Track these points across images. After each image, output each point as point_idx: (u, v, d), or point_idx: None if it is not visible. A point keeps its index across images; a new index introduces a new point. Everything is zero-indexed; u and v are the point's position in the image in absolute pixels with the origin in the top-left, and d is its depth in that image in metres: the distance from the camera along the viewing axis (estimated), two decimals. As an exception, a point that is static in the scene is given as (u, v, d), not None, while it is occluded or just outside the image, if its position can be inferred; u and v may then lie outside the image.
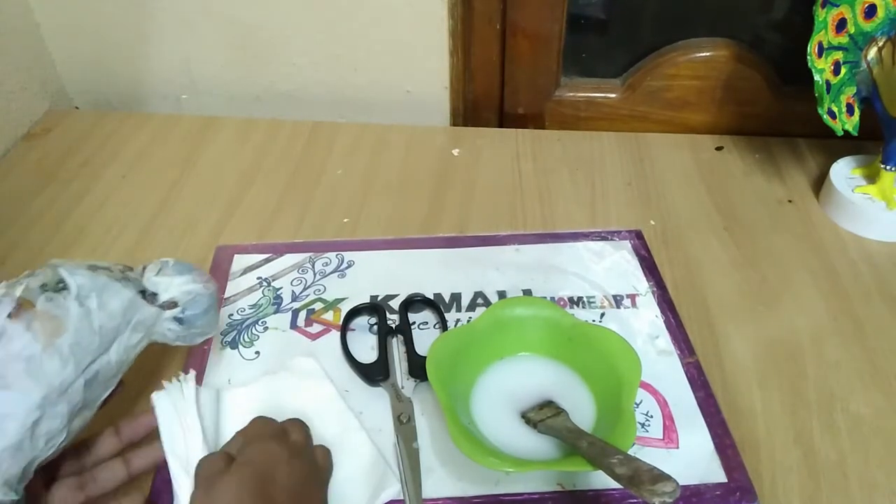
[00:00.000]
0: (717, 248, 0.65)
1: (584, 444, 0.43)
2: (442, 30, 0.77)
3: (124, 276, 0.43)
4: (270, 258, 0.62)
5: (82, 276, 0.40)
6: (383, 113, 0.84)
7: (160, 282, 0.45)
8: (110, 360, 0.40)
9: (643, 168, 0.75)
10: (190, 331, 0.46)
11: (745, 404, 0.51)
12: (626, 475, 0.38)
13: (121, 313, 0.41)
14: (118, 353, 0.41)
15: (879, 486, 0.47)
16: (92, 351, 0.39)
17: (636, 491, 0.37)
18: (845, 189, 0.68)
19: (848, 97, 0.66)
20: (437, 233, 0.66)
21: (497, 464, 0.42)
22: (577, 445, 0.43)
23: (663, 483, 0.37)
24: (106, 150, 0.78)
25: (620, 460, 0.39)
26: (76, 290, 0.40)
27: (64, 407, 0.38)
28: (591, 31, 0.79)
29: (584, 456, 0.42)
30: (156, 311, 0.44)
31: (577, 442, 0.43)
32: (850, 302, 0.60)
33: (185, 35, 0.81)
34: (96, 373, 0.39)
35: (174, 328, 0.45)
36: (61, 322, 0.38)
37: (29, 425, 0.36)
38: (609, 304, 0.57)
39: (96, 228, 0.67)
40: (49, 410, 0.37)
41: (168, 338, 0.45)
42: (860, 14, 0.63)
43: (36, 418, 0.36)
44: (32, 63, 0.82)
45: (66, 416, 0.38)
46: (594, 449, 0.42)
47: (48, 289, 0.39)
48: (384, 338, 0.54)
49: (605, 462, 0.40)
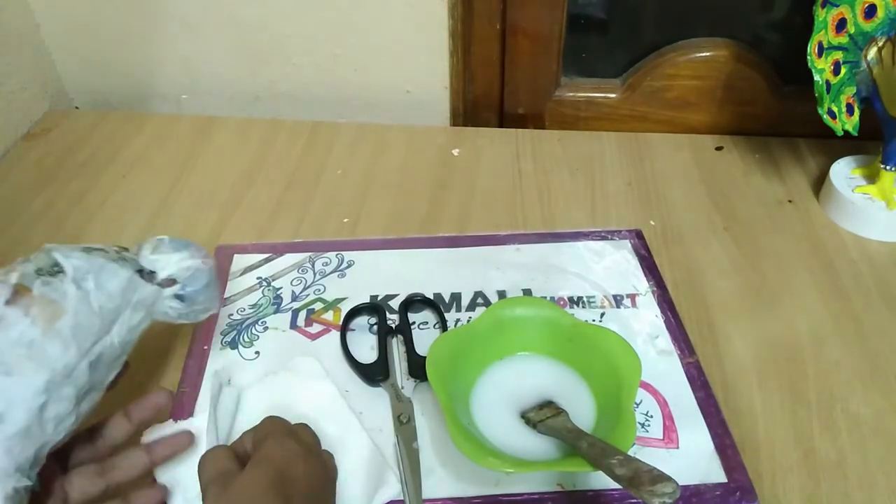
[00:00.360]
0: (717, 248, 0.65)
1: (584, 445, 0.43)
2: (442, 30, 0.77)
3: (120, 257, 0.42)
4: (270, 258, 0.62)
5: (78, 259, 0.40)
6: (383, 113, 0.84)
7: (157, 259, 0.44)
8: (113, 342, 0.40)
9: (643, 168, 0.75)
10: (192, 308, 0.45)
11: (745, 404, 0.51)
12: (626, 476, 0.38)
13: (120, 294, 0.41)
14: (120, 334, 0.41)
15: (879, 486, 0.47)
16: (93, 333, 0.39)
17: (636, 492, 0.37)
18: (845, 189, 0.68)
19: (848, 97, 0.66)
20: (437, 233, 0.66)
21: (497, 464, 0.42)
22: (576, 446, 0.43)
23: (663, 484, 0.37)
24: (106, 150, 0.78)
25: (620, 461, 0.39)
26: (72, 273, 0.39)
27: (70, 390, 0.37)
28: (591, 31, 0.79)
29: (584, 456, 0.42)
30: (155, 289, 0.43)
31: (576, 442, 0.43)
32: (850, 302, 0.60)
33: (185, 35, 0.81)
34: (100, 354, 0.39)
35: (175, 305, 0.44)
36: (59, 305, 0.38)
37: (36, 410, 0.36)
38: (609, 304, 0.57)
39: (96, 228, 0.67)
40: (55, 394, 0.37)
41: (170, 316, 0.45)
42: (860, 14, 0.63)
43: (42, 402, 0.36)
44: (32, 63, 0.82)
45: (72, 399, 0.38)
46: (594, 449, 0.42)
47: (44, 273, 0.39)
48: (384, 338, 0.54)
49: (605, 463, 0.40)
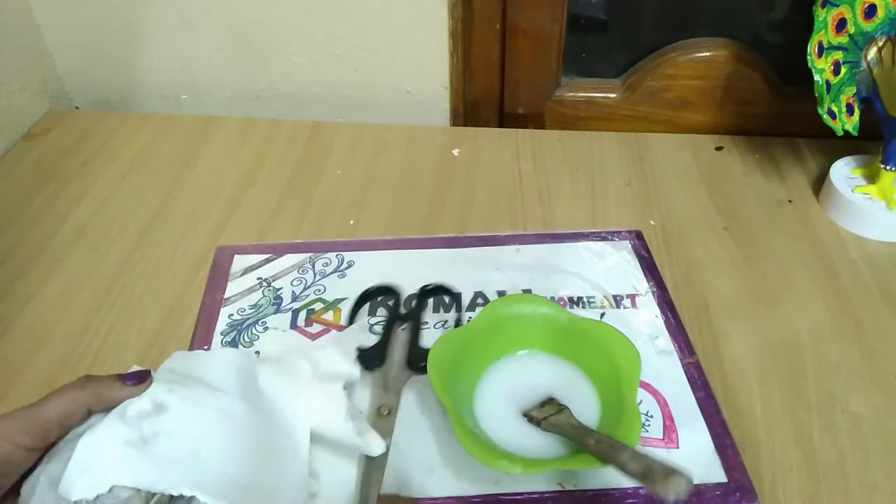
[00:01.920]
0: (717, 248, 0.65)
1: (591, 442, 0.42)
2: (442, 30, 0.77)
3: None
4: (270, 258, 0.62)
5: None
6: (383, 113, 0.84)
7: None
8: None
9: (643, 168, 0.75)
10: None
11: (745, 404, 0.51)
12: (638, 471, 0.38)
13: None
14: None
15: (879, 486, 0.47)
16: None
17: (650, 486, 0.37)
18: (845, 189, 0.68)
19: (848, 97, 0.66)
20: (437, 233, 0.66)
21: (508, 466, 0.42)
22: (583, 443, 0.43)
23: (677, 477, 0.37)
24: (106, 150, 0.78)
25: (630, 456, 0.39)
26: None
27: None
28: (591, 31, 0.79)
29: (593, 453, 0.41)
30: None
31: (583, 439, 0.43)
32: (850, 302, 0.60)
33: (185, 35, 0.81)
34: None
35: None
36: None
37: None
38: (609, 304, 0.57)
39: (96, 228, 0.67)
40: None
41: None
42: (860, 14, 0.63)
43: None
44: (32, 63, 0.82)
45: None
46: (602, 446, 0.41)
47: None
48: (391, 323, 0.53)
49: (615, 459, 0.40)
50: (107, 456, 0.36)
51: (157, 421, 0.38)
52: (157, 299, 0.60)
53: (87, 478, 0.35)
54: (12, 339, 0.57)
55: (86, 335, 0.57)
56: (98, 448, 0.36)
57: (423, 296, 0.56)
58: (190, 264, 0.63)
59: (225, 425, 0.40)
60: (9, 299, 0.60)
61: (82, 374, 0.39)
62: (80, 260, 0.64)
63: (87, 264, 0.63)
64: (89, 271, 0.63)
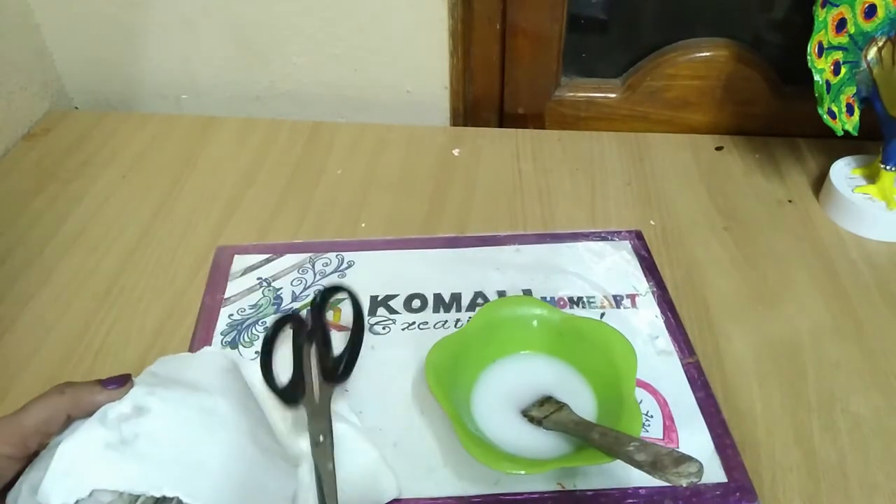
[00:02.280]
0: (717, 248, 0.65)
1: (595, 436, 0.42)
2: (442, 30, 0.77)
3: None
4: (270, 258, 0.62)
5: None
6: (383, 113, 0.84)
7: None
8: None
9: (643, 168, 0.75)
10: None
11: (745, 404, 0.51)
12: (648, 461, 0.38)
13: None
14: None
15: (879, 486, 0.47)
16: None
17: (660, 475, 0.37)
18: (845, 189, 0.68)
19: (848, 97, 0.66)
20: (437, 233, 0.66)
21: (512, 467, 0.42)
22: (588, 438, 0.43)
23: (687, 464, 0.36)
24: (106, 150, 0.78)
25: (637, 447, 0.39)
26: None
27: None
28: (591, 31, 0.79)
29: (599, 447, 0.41)
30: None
31: (587, 434, 0.43)
32: (850, 302, 0.60)
33: (185, 35, 0.81)
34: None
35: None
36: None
37: None
38: (609, 305, 0.57)
39: (96, 228, 0.67)
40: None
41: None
42: (860, 14, 0.63)
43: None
44: (32, 63, 0.82)
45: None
46: (607, 439, 0.41)
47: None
48: (298, 351, 0.48)
49: (621, 451, 0.39)
50: (86, 460, 0.35)
51: (138, 423, 0.37)
52: (157, 299, 0.60)
53: (66, 482, 0.34)
54: (12, 339, 0.57)
55: (86, 335, 0.57)
56: (77, 452, 0.36)
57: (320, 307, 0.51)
58: (190, 264, 0.63)
59: (209, 425, 0.39)
60: (9, 299, 0.60)
61: (82, 374, 0.39)
62: (80, 260, 0.64)
63: (87, 264, 0.63)
64: (89, 271, 0.63)
